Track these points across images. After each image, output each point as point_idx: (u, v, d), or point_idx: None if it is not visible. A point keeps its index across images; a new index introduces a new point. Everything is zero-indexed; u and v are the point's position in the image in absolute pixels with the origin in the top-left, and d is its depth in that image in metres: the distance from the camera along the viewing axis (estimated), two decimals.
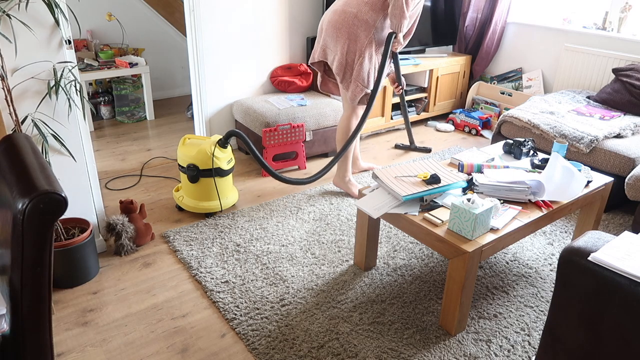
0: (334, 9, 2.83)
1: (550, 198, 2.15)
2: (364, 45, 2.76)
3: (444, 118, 4.62)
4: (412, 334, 2.03)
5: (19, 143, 1.24)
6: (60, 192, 1.03)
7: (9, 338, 1.15)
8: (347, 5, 2.78)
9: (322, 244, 2.62)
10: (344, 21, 2.76)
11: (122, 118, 4.41)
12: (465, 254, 1.83)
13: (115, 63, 4.18)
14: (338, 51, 2.81)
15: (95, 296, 2.22)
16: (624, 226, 2.87)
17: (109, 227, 2.44)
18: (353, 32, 2.75)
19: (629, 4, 3.68)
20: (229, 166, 2.80)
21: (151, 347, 1.95)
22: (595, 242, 1.33)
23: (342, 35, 2.77)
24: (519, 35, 4.35)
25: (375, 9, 2.73)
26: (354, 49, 2.78)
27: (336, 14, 2.80)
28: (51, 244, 1.06)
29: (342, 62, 2.82)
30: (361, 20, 2.73)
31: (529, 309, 2.19)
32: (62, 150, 2.19)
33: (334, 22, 2.80)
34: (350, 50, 2.79)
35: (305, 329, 2.04)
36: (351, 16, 2.74)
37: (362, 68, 2.79)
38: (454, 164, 2.49)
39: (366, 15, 2.72)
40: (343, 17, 2.76)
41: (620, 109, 3.42)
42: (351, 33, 2.75)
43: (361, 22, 2.73)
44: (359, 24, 2.73)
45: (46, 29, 2.02)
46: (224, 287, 2.28)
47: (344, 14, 2.76)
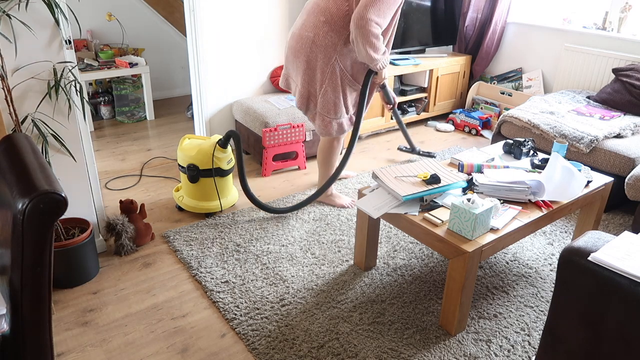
0: (292, 32, 2.55)
1: (550, 198, 2.15)
2: (325, 74, 2.45)
3: (444, 118, 4.62)
4: (412, 334, 2.03)
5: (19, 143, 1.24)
6: (60, 192, 1.03)
7: (9, 338, 1.15)
8: (304, 28, 2.46)
9: (322, 244, 2.62)
10: (302, 48, 2.46)
11: (122, 118, 4.41)
12: (465, 254, 1.83)
13: (115, 63, 4.18)
14: (299, 81, 2.54)
15: (95, 296, 2.22)
16: (624, 226, 2.87)
17: (109, 227, 2.44)
18: (313, 59, 2.45)
19: (629, 4, 3.68)
20: (229, 166, 2.80)
21: (151, 347, 1.95)
22: (595, 242, 1.33)
23: (301, 64, 2.49)
24: (519, 35, 4.35)
25: (336, 28, 2.38)
26: (315, 78, 2.49)
27: (294, 38, 2.51)
28: (51, 244, 1.06)
29: (304, 94, 2.56)
30: (319, 45, 2.41)
31: (529, 309, 2.19)
32: (62, 150, 2.19)
33: (292, 48, 2.52)
34: (309, 81, 2.50)
35: (305, 329, 2.04)
36: (308, 42, 2.43)
37: (326, 99, 2.51)
38: (454, 164, 2.49)
39: (324, 39, 2.40)
40: (301, 43, 2.47)
41: (620, 109, 3.42)
42: (311, 59, 2.45)
43: (320, 48, 2.41)
44: (318, 50, 2.42)
45: (46, 29, 2.02)
46: (224, 287, 2.28)
47: (301, 40, 2.47)
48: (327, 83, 2.46)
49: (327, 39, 2.38)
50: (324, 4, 2.40)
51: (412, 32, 4.24)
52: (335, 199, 2.96)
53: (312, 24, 2.41)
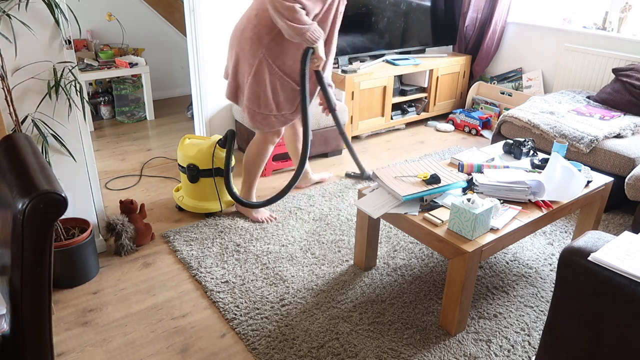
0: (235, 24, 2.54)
1: (550, 198, 2.15)
2: (252, 65, 2.39)
3: (444, 118, 4.62)
4: (412, 334, 2.03)
5: (19, 143, 1.24)
6: (60, 192, 1.03)
7: (9, 338, 1.15)
8: (240, 20, 2.46)
9: (322, 244, 2.62)
10: (234, 38, 2.45)
11: (122, 118, 4.41)
12: (465, 254, 1.83)
13: (115, 63, 4.18)
14: (231, 70, 2.51)
15: (95, 296, 2.22)
16: (624, 226, 2.87)
17: (109, 227, 2.44)
18: (240, 50, 2.41)
19: (629, 4, 3.68)
20: None
21: (151, 347, 1.95)
22: (595, 242, 1.33)
23: (233, 53, 2.46)
24: (519, 35, 4.35)
25: (265, 22, 2.33)
26: (243, 69, 2.44)
27: (233, 30, 2.50)
28: (51, 244, 1.06)
29: (232, 85, 2.53)
30: (247, 37, 2.37)
31: (529, 309, 2.19)
32: (62, 150, 2.19)
33: (230, 38, 2.51)
34: (239, 71, 2.47)
35: (305, 329, 2.04)
36: (238, 32, 2.42)
37: (251, 91, 2.45)
38: (454, 164, 2.49)
39: (252, 31, 2.35)
40: (234, 34, 2.46)
41: (620, 109, 3.42)
42: (239, 51, 2.42)
43: (246, 40, 2.37)
44: (245, 42, 2.38)
45: (46, 29, 2.02)
46: (224, 287, 2.28)
47: (235, 31, 2.46)
48: (252, 76, 2.41)
49: (254, 32, 2.34)
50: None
51: (412, 32, 4.24)
52: (253, 212, 2.82)
53: (246, 17, 2.40)
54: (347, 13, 3.77)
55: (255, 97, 2.46)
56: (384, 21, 4.01)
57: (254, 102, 2.48)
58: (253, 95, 2.46)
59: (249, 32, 2.36)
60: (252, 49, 2.37)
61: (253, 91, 2.45)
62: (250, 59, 2.39)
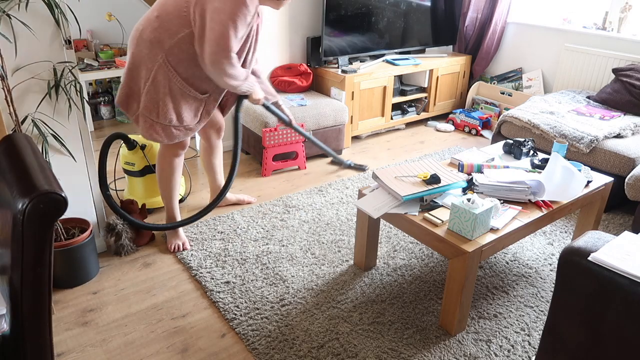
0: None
1: (550, 198, 2.15)
2: (150, 71, 2.17)
3: (444, 118, 4.62)
4: (412, 334, 2.03)
5: (19, 143, 1.24)
6: (60, 192, 1.03)
7: (9, 338, 1.15)
8: (140, 21, 2.24)
9: (322, 244, 2.62)
10: (132, 39, 2.23)
11: (122, 118, 4.41)
12: (465, 254, 1.83)
13: (115, 63, 4.18)
14: (124, 74, 2.27)
15: (95, 296, 2.22)
16: (624, 226, 2.87)
17: (109, 227, 2.44)
18: (137, 53, 2.19)
19: (629, 4, 3.68)
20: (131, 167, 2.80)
21: (151, 347, 1.95)
22: (595, 242, 1.33)
23: (129, 56, 2.23)
24: (519, 35, 4.35)
25: (167, 26, 2.12)
26: (139, 74, 2.22)
27: (132, 31, 2.27)
28: (51, 244, 1.06)
29: (125, 89, 2.27)
30: (145, 40, 2.15)
31: (529, 309, 2.19)
32: (62, 150, 2.19)
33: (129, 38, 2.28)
34: (134, 75, 2.23)
35: (305, 329, 2.04)
36: (137, 33, 2.20)
37: (148, 99, 2.21)
38: (454, 164, 2.49)
39: (152, 34, 2.14)
40: (132, 34, 2.23)
41: (620, 109, 3.42)
42: (135, 54, 2.19)
43: (145, 43, 2.15)
44: (143, 44, 2.16)
45: (46, 29, 2.02)
46: (224, 287, 2.28)
47: (133, 31, 2.23)
48: (151, 82, 2.19)
49: (154, 34, 2.14)
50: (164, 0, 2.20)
51: (412, 32, 4.24)
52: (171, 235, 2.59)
53: (146, 18, 2.20)
54: (347, 13, 3.78)
55: (154, 106, 2.22)
56: (384, 21, 4.01)
57: (152, 110, 2.22)
58: (151, 103, 2.22)
59: (149, 34, 2.15)
60: (152, 52, 2.15)
61: (151, 99, 2.21)
62: (149, 63, 2.17)
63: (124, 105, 2.31)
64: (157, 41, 2.14)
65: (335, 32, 3.78)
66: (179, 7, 2.12)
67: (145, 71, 2.20)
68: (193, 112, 2.32)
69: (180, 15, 2.12)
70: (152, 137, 2.29)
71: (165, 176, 2.48)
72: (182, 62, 2.19)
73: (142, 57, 2.18)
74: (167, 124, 2.26)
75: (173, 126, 2.28)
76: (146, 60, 2.18)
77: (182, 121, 2.29)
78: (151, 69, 2.18)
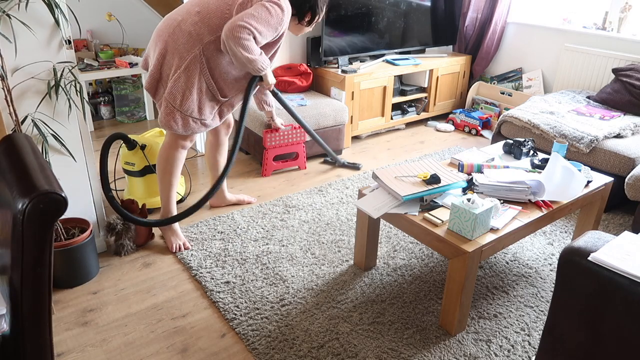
0: (166, 15, 2.40)
1: (550, 198, 2.15)
2: (183, 60, 2.25)
3: (444, 118, 4.62)
4: (412, 334, 2.03)
5: (19, 143, 1.24)
6: (60, 192, 1.03)
7: (9, 338, 1.15)
8: (176, 12, 2.34)
9: (322, 244, 2.62)
10: (166, 28, 2.30)
11: (122, 118, 4.41)
12: (465, 254, 1.83)
13: (115, 63, 4.18)
14: (154, 60, 2.33)
15: (95, 296, 2.22)
16: (624, 226, 2.87)
17: (109, 227, 2.44)
18: (172, 42, 2.27)
19: (629, 4, 3.68)
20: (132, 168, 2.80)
21: (151, 347, 1.95)
22: (595, 242, 1.33)
23: (160, 44, 2.31)
24: (519, 35, 4.35)
25: (208, 23, 2.24)
26: (171, 61, 2.29)
27: (164, 20, 2.37)
28: (51, 244, 1.06)
29: (154, 76, 2.34)
30: (184, 30, 2.25)
31: (529, 309, 2.19)
32: (62, 150, 2.19)
33: (158, 28, 2.36)
34: (166, 62, 2.30)
35: (305, 329, 2.04)
36: (174, 23, 2.28)
37: (175, 86, 2.28)
38: (454, 164, 2.49)
39: (192, 26, 2.24)
40: (167, 23, 2.32)
41: (620, 109, 3.42)
42: (170, 42, 2.27)
43: (184, 33, 2.24)
44: (181, 34, 2.25)
45: (46, 29, 2.02)
46: (224, 287, 2.28)
47: (169, 20, 2.32)
48: (183, 70, 2.26)
49: (194, 27, 2.23)
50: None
51: (412, 32, 4.24)
52: (169, 232, 2.59)
53: (185, 10, 2.29)
54: (347, 13, 3.78)
55: (179, 93, 2.29)
56: (384, 21, 4.01)
57: (176, 96, 2.29)
58: (177, 90, 2.29)
59: (189, 26, 2.24)
60: (189, 43, 2.24)
61: (178, 86, 2.28)
62: (185, 52, 2.25)
63: (152, 89, 2.38)
64: (196, 34, 2.24)
65: (335, 32, 3.78)
66: (221, 8, 2.25)
67: (178, 59, 2.27)
68: (210, 109, 2.40)
69: (222, 16, 2.24)
70: (169, 124, 2.34)
71: (167, 168, 2.48)
72: (215, 60, 2.29)
73: (178, 45, 2.27)
74: (188, 114, 2.33)
75: (192, 117, 2.35)
76: (181, 50, 2.26)
77: (202, 114, 2.37)
78: (185, 58, 2.26)
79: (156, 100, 2.40)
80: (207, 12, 2.25)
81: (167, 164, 2.47)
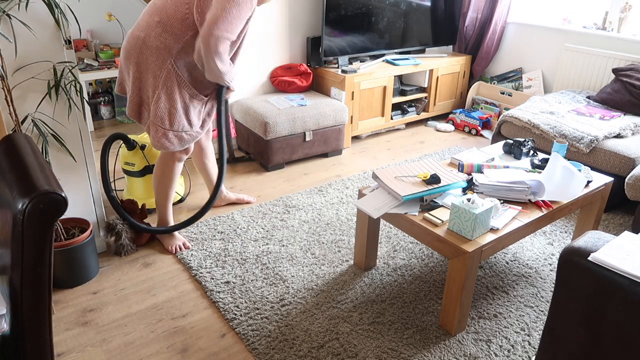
0: (129, 32, 2.26)
1: (550, 198, 2.15)
2: (158, 78, 2.16)
3: (444, 118, 4.62)
4: (412, 334, 2.03)
5: (19, 143, 1.24)
6: (60, 192, 1.03)
7: (9, 338, 1.15)
8: (137, 28, 2.21)
9: (322, 244, 2.62)
10: (132, 49, 2.19)
11: (122, 118, 4.41)
12: (465, 254, 1.83)
13: (115, 63, 4.18)
14: (129, 87, 2.25)
15: (95, 296, 2.22)
16: (624, 226, 2.87)
17: (108, 227, 2.44)
18: (142, 64, 2.17)
19: (629, 4, 3.68)
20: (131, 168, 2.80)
21: (151, 347, 1.95)
22: (595, 242, 1.33)
23: (132, 66, 2.20)
24: (519, 35, 4.35)
25: (172, 30, 2.12)
26: (147, 84, 2.20)
27: (128, 38, 2.23)
28: (51, 244, 1.06)
29: (135, 101, 2.25)
30: (151, 47, 2.14)
31: (529, 309, 2.19)
32: (62, 150, 2.19)
33: (124, 48, 2.24)
34: (142, 86, 2.21)
35: (305, 329, 2.04)
36: (139, 42, 2.16)
37: (159, 107, 2.19)
38: (454, 164, 2.49)
39: (157, 40, 2.13)
40: (132, 42, 2.19)
41: (620, 109, 3.42)
42: (140, 64, 2.18)
43: (151, 50, 2.14)
44: (149, 52, 2.15)
45: (46, 29, 2.02)
46: (224, 287, 2.28)
47: (133, 39, 2.19)
48: (161, 89, 2.17)
49: (159, 41, 2.13)
50: (160, 4, 2.18)
51: (412, 32, 4.24)
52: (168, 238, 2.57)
53: (145, 24, 2.17)
54: (347, 13, 3.78)
55: (165, 113, 2.21)
56: (384, 21, 4.01)
57: (163, 118, 2.21)
58: (162, 110, 2.20)
59: (154, 41, 2.13)
60: (159, 59, 2.14)
61: (162, 106, 2.20)
62: (157, 70, 2.16)
63: (137, 115, 2.31)
64: (164, 47, 2.14)
65: (335, 32, 3.78)
66: (180, 10, 2.12)
67: (152, 79, 2.18)
68: (197, 116, 2.35)
69: (183, 18, 2.12)
70: (164, 146, 2.28)
71: (164, 181, 2.46)
72: (188, 66, 2.21)
73: (149, 65, 2.17)
74: (180, 130, 2.27)
75: (185, 132, 2.30)
76: (153, 68, 2.17)
77: (193, 126, 2.32)
78: (159, 76, 2.17)
79: (142, 124, 2.32)
80: (167, 18, 2.14)
81: (164, 177, 2.46)
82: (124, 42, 2.27)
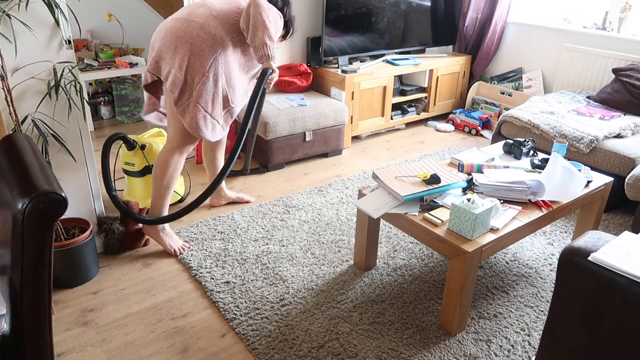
0: (175, 17, 2.34)
1: (550, 198, 2.15)
2: (208, 63, 2.26)
3: (444, 118, 4.62)
4: (412, 334, 2.03)
5: (19, 143, 1.24)
6: (60, 192, 1.03)
7: (9, 338, 1.15)
8: (193, 14, 2.31)
9: (322, 244, 2.62)
10: (187, 30, 2.26)
11: (122, 118, 4.41)
12: (465, 254, 1.83)
13: (115, 63, 4.18)
14: (176, 64, 2.27)
15: (95, 296, 2.22)
16: (624, 226, 2.87)
17: (99, 223, 2.43)
18: (197, 46, 2.25)
19: (629, 4, 3.68)
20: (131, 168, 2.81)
21: (151, 347, 1.95)
22: (595, 242, 1.33)
23: (183, 47, 2.25)
24: (519, 35, 4.35)
25: (225, 27, 2.29)
26: (197, 65, 2.26)
27: (178, 21, 2.30)
28: (51, 244, 1.06)
29: (180, 79, 2.26)
30: (208, 32, 2.26)
31: (529, 309, 2.19)
32: (62, 150, 2.19)
33: (174, 29, 2.28)
34: (191, 66, 2.26)
35: (305, 329, 2.04)
36: (197, 26, 2.26)
37: (204, 89, 2.26)
38: (454, 164, 2.49)
39: (214, 29, 2.27)
40: (186, 25, 2.27)
41: (620, 109, 3.42)
42: (194, 45, 2.24)
43: (208, 36, 2.25)
44: (205, 37, 2.25)
45: (46, 29, 2.02)
46: (224, 287, 2.28)
47: (188, 23, 2.28)
48: (211, 71, 2.27)
49: (216, 31, 2.27)
50: (217, 4, 2.36)
51: (412, 32, 4.24)
52: (166, 238, 2.55)
53: (202, 14, 2.29)
54: (347, 13, 3.78)
55: (210, 95, 2.29)
56: (384, 21, 4.01)
57: (207, 100, 2.29)
58: (207, 92, 2.28)
59: (212, 29, 2.26)
60: (213, 44, 2.27)
61: (207, 91, 2.27)
62: (209, 54, 2.26)
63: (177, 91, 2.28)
64: (219, 37, 2.28)
65: (335, 32, 3.78)
66: (232, 12, 2.34)
67: (202, 62, 2.27)
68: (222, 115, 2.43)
69: (233, 21, 2.32)
70: (199, 128, 2.30)
71: (167, 173, 2.43)
72: (229, 62, 2.34)
73: (202, 49, 2.26)
74: (214, 116, 2.36)
75: (218, 122, 2.39)
76: (207, 53, 2.27)
77: (220, 119, 2.41)
78: (208, 62, 2.27)
79: (177, 106, 2.30)
80: (222, 16, 2.32)
81: (167, 169, 2.42)
82: (172, 23, 2.31)
